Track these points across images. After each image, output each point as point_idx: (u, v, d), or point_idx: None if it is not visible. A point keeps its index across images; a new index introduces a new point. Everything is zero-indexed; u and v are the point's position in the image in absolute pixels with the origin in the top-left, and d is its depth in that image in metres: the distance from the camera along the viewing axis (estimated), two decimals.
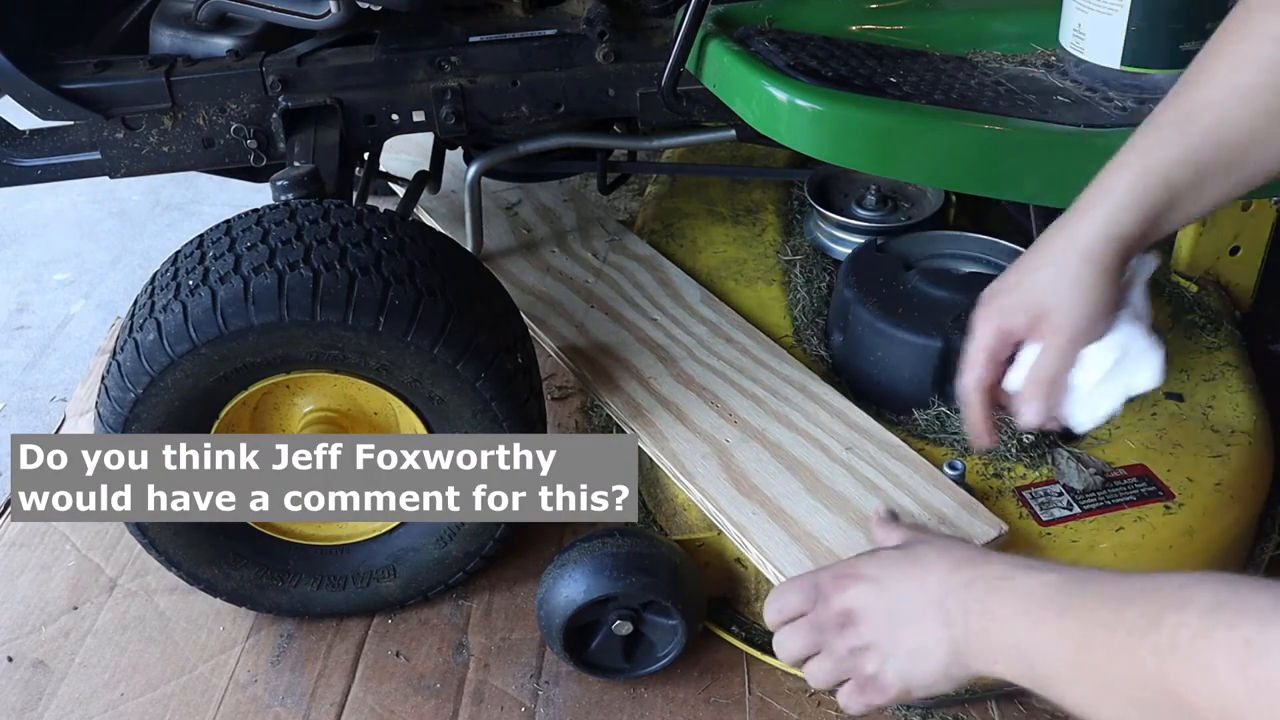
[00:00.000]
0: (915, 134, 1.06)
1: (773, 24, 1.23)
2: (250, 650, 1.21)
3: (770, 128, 1.11)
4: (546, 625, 1.11)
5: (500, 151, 1.43)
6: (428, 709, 1.14)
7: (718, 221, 1.57)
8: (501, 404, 1.08)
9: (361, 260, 1.02)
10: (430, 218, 1.65)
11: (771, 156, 1.67)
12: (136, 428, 1.04)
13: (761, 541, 1.03)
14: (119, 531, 1.35)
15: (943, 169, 1.09)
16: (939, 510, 1.05)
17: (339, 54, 1.31)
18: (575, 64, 1.32)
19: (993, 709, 1.10)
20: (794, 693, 1.13)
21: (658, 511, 1.28)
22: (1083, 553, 1.05)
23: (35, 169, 1.34)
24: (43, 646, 1.23)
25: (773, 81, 1.09)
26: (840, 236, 1.44)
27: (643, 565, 1.07)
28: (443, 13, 1.34)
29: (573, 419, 1.48)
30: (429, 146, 1.65)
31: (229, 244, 1.04)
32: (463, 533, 1.17)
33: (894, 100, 1.07)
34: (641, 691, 1.14)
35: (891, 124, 1.06)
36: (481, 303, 1.09)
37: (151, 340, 1.00)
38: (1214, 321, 1.31)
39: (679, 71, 1.21)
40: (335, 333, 1.01)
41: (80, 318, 2.01)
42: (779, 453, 1.13)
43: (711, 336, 1.32)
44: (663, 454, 1.15)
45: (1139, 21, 1.10)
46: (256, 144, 1.32)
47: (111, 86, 1.28)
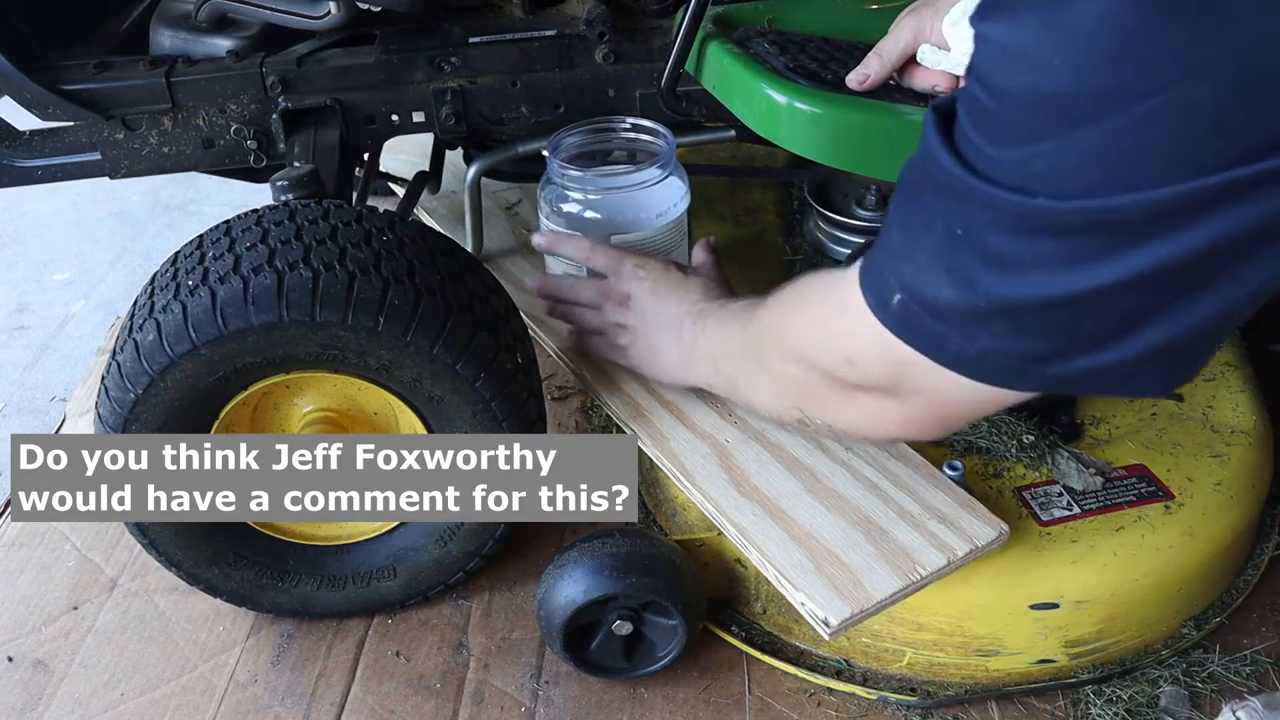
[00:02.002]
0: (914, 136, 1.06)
1: (772, 25, 1.23)
2: (250, 650, 1.21)
3: (769, 130, 1.11)
4: (546, 625, 1.11)
5: (500, 152, 1.43)
6: (428, 709, 1.14)
7: (718, 221, 1.57)
8: (501, 404, 1.08)
9: (361, 260, 1.02)
10: (430, 218, 1.65)
11: (771, 156, 1.67)
12: (136, 428, 1.04)
13: (761, 542, 1.03)
14: (119, 531, 1.35)
15: None
16: (939, 510, 1.05)
17: (339, 55, 1.31)
18: (575, 65, 1.32)
19: (993, 709, 1.10)
20: (794, 693, 1.13)
21: (658, 511, 1.28)
22: (1083, 553, 1.05)
23: (35, 169, 1.34)
24: (43, 646, 1.23)
25: (772, 84, 1.09)
26: (840, 236, 1.45)
27: (643, 565, 1.07)
28: (443, 13, 1.34)
29: (573, 419, 1.48)
30: (429, 146, 1.65)
31: (229, 244, 1.04)
32: (463, 533, 1.18)
33: (893, 103, 1.07)
34: (641, 691, 1.14)
35: (891, 126, 1.06)
36: (481, 303, 1.09)
37: (151, 340, 1.01)
38: None
39: (678, 72, 1.21)
40: (335, 333, 1.01)
41: (80, 318, 2.01)
42: (779, 453, 1.13)
43: None
44: (663, 454, 1.15)
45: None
46: (256, 144, 1.32)
47: (111, 87, 1.28)
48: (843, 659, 1.14)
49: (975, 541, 1.02)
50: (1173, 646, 1.13)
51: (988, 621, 1.07)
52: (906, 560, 1.00)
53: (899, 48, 1.07)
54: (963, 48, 1.02)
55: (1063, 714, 1.09)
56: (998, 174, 0.63)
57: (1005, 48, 0.62)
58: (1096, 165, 0.59)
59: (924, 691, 1.11)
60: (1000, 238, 0.64)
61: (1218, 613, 1.16)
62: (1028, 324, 0.67)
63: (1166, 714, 1.06)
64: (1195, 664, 1.11)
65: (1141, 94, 0.56)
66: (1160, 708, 1.07)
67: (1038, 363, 0.69)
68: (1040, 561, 1.05)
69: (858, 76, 1.08)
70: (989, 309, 0.67)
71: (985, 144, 0.64)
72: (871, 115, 1.06)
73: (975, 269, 0.67)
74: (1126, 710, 1.07)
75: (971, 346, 0.70)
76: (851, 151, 1.09)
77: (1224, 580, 1.17)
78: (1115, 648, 1.10)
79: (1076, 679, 1.10)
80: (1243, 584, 1.19)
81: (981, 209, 0.65)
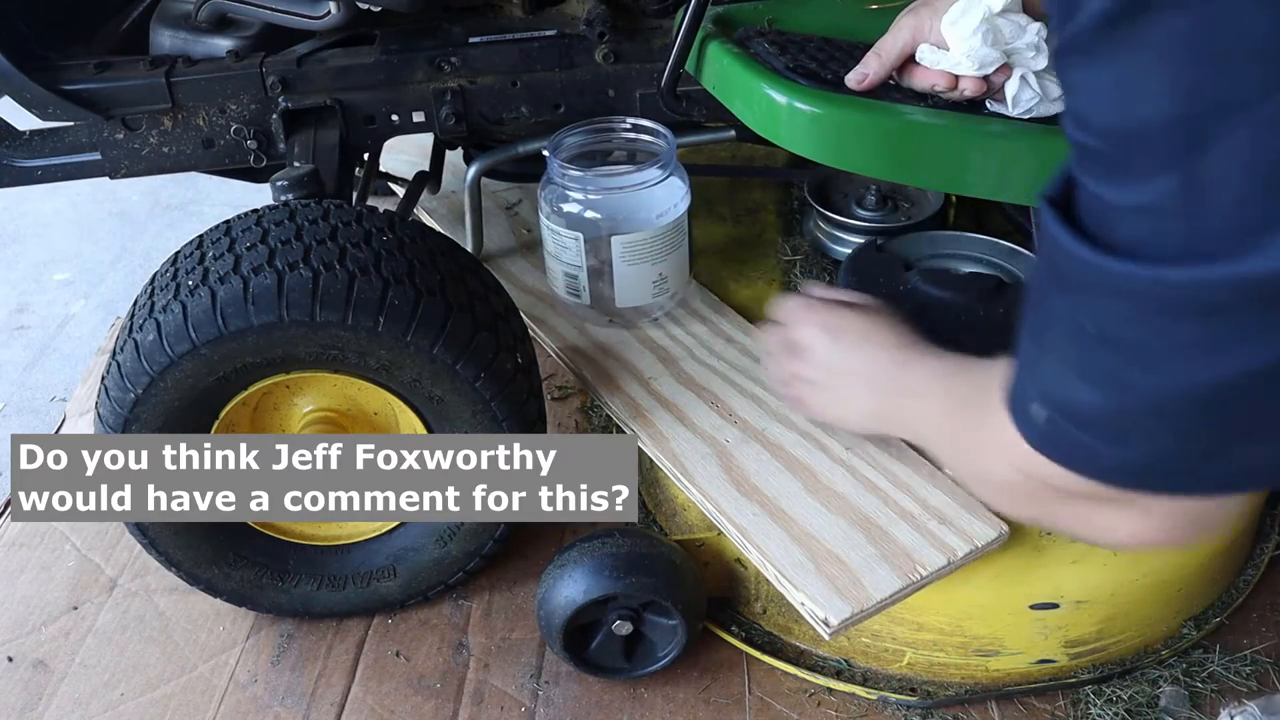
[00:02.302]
0: (914, 137, 1.06)
1: (772, 25, 1.23)
2: (250, 650, 1.21)
3: (769, 130, 1.11)
4: (546, 625, 1.11)
5: (500, 152, 1.43)
6: (428, 709, 1.14)
7: (718, 221, 1.57)
8: (501, 404, 1.08)
9: (361, 260, 1.02)
10: (430, 218, 1.65)
11: (771, 156, 1.67)
12: (136, 428, 1.04)
13: (761, 542, 1.04)
14: (119, 531, 1.35)
15: (942, 172, 1.09)
16: (939, 510, 1.05)
17: (339, 55, 1.31)
18: (575, 65, 1.32)
19: (993, 709, 1.10)
20: (794, 693, 1.13)
21: (658, 511, 1.28)
22: (1083, 553, 1.05)
23: (35, 170, 1.34)
24: (43, 646, 1.23)
25: (772, 84, 1.09)
26: (840, 236, 1.44)
27: (643, 565, 1.07)
28: (443, 13, 1.34)
29: (573, 419, 1.48)
30: (429, 146, 1.65)
31: (229, 244, 1.04)
32: (463, 533, 1.18)
33: (893, 103, 1.07)
34: (641, 691, 1.14)
35: (891, 127, 1.06)
36: (481, 303, 1.09)
37: (151, 340, 1.01)
38: None
39: (678, 72, 1.21)
40: (335, 333, 1.01)
41: (80, 318, 2.01)
42: (779, 453, 1.13)
43: (711, 336, 1.32)
44: (663, 454, 1.15)
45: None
46: (256, 144, 1.32)
47: (111, 87, 1.28)
48: (843, 659, 1.14)
49: (975, 541, 1.02)
50: (1173, 646, 1.13)
51: (988, 621, 1.07)
52: (906, 560, 1.00)
53: (898, 47, 1.07)
54: (961, 47, 1.02)
55: (1063, 714, 1.09)
56: (1126, 229, 0.57)
57: (1094, 87, 0.57)
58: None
59: (924, 691, 1.11)
60: (1136, 327, 0.58)
61: (1218, 613, 1.16)
62: (1182, 421, 0.60)
63: (1166, 714, 1.07)
64: (1195, 664, 1.11)
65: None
66: (1160, 708, 1.07)
67: (1205, 461, 0.61)
68: (1040, 561, 1.05)
69: (857, 76, 1.08)
70: (1133, 409, 0.61)
71: (1107, 189, 0.57)
72: (871, 115, 1.06)
73: (1112, 366, 0.60)
74: (1126, 710, 1.07)
75: (1128, 454, 0.62)
76: (851, 151, 1.09)
77: (1224, 580, 1.17)
78: (1115, 648, 1.10)
79: (1076, 679, 1.10)
80: (1243, 584, 1.19)
81: (1111, 297, 0.58)
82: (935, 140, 1.07)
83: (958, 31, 1.01)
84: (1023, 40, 1.02)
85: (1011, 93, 1.04)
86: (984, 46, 1.01)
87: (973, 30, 1.01)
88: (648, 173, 1.26)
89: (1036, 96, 1.03)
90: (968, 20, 1.01)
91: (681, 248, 1.31)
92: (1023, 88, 1.03)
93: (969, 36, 1.01)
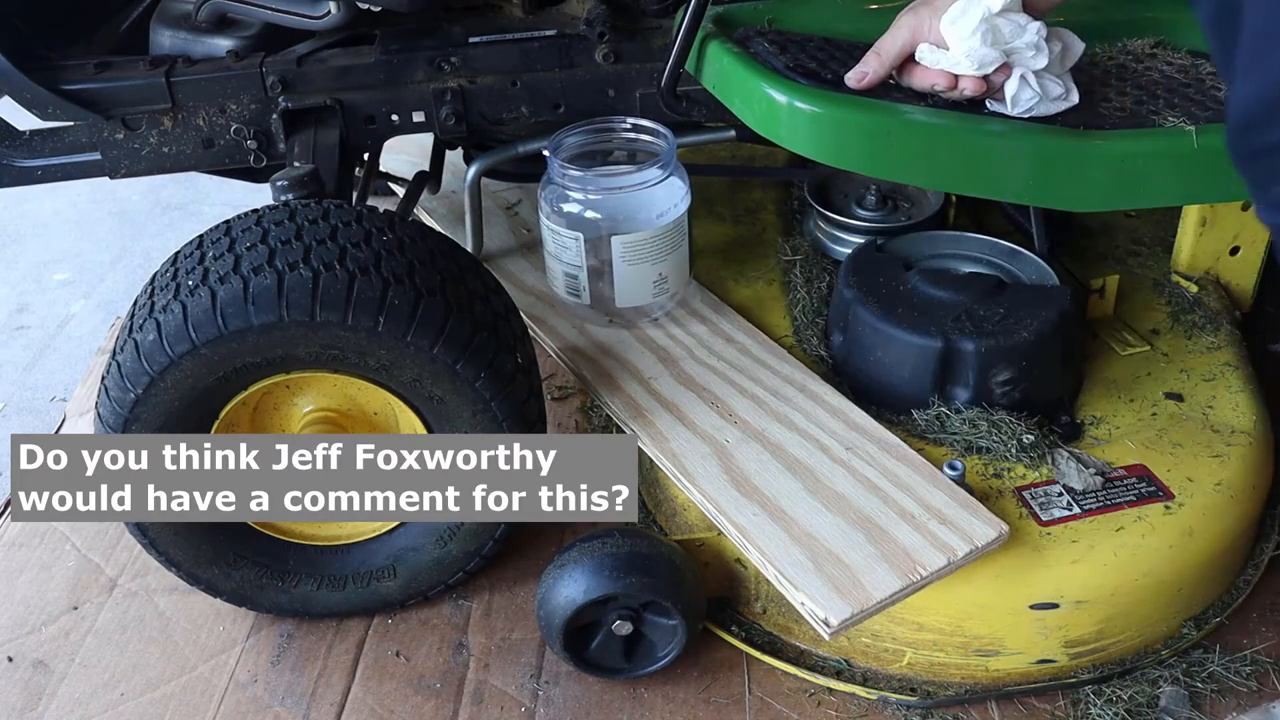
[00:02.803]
0: (914, 136, 1.06)
1: (772, 25, 1.23)
2: (250, 650, 1.21)
3: (769, 129, 1.11)
4: (546, 625, 1.11)
5: (500, 151, 1.43)
6: (428, 709, 1.14)
7: (718, 221, 1.57)
8: (501, 404, 1.08)
9: (361, 260, 1.02)
10: (430, 218, 1.65)
11: (771, 156, 1.67)
12: (136, 428, 1.04)
13: (761, 542, 1.04)
14: (119, 531, 1.35)
15: (941, 171, 1.09)
16: (939, 510, 1.05)
17: (339, 54, 1.31)
18: (575, 64, 1.32)
19: (993, 709, 1.10)
20: (794, 693, 1.13)
21: (658, 511, 1.28)
22: (1083, 553, 1.05)
23: (35, 169, 1.34)
24: (43, 646, 1.23)
25: (772, 83, 1.09)
26: (840, 236, 1.44)
27: (643, 565, 1.07)
28: (443, 13, 1.34)
29: (573, 419, 1.48)
30: (429, 146, 1.65)
31: (229, 244, 1.04)
32: (463, 533, 1.18)
33: (893, 102, 1.07)
34: (641, 691, 1.14)
35: (890, 126, 1.06)
36: (481, 303, 1.09)
37: (151, 340, 1.01)
38: (1214, 321, 1.31)
39: (678, 72, 1.21)
40: (335, 333, 1.01)
41: (80, 318, 2.01)
42: (779, 453, 1.13)
43: (711, 336, 1.32)
44: (663, 454, 1.15)
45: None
46: (256, 144, 1.32)
47: (111, 87, 1.28)
48: (843, 659, 1.14)
49: (975, 541, 1.02)
50: (1173, 646, 1.13)
51: (988, 621, 1.07)
52: (907, 560, 1.00)
53: (897, 46, 1.07)
54: (961, 47, 1.02)
55: (1063, 714, 1.09)
56: None
57: None
58: None
59: (924, 691, 1.11)
60: None
61: (1218, 613, 1.16)
62: None
63: (1166, 714, 1.06)
64: (1195, 664, 1.11)
65: None
66: (1160, 708, 1.07)
67: None
68: (1040, 561, 1.05)
69: (856, 75, 1.08)
70: None
71: None
72: (871, 114, 1.06)
73: None
74: (1126, 710, 1.07)
75: None
76: (851, 151, 1.09)
77: (1224, 580, 1.17)
78: (1115, 648, 1.10)
79: (1076, 679, 1.10)
80: (1243, 584, 1.19)
81: None
82: (935, 140, 1.07)
83: (957, 31, 1.01)
84: (1022, 40, 1.02)
85: (1011, 92, 1.04)
86: (983, 46, 1.01)
87: (972, 30, 1.01)
88: (648, 173, 1.26)
89: (1036, 96, 1.03)
90: (967, 20, 1.01)
91: (681, 248, 1.31)
92: (1022, 87, 1.03)
93: (968, 36, 1.01)
